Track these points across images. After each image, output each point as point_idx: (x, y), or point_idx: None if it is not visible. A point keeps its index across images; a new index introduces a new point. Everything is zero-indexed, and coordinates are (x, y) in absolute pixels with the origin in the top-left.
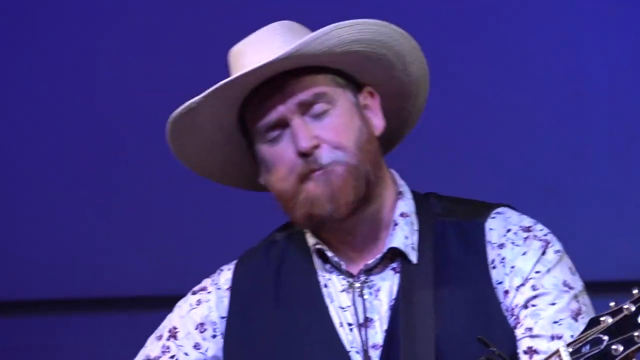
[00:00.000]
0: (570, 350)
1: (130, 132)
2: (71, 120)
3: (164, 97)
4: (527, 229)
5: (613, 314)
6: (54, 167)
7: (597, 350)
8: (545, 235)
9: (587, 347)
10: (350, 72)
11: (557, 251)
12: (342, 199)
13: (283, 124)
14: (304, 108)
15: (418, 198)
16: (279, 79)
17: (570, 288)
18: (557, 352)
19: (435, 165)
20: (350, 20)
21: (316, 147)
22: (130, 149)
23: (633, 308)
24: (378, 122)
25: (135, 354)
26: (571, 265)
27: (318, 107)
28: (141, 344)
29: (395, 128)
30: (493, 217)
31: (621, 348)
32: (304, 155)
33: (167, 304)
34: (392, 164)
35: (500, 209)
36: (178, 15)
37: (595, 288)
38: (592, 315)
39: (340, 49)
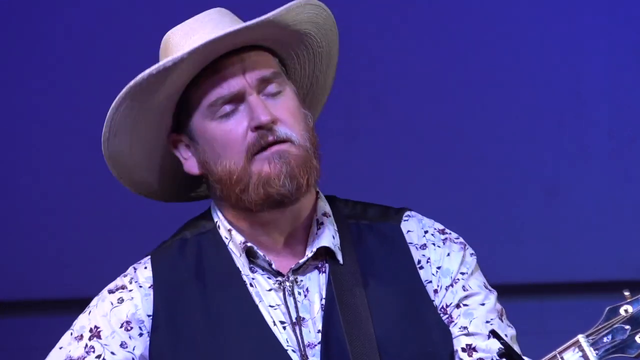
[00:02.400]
0: (591, 340)
1: None
2: (71, 120)
3: None
4: (442, 232)
5: (632, 303)
6: (54, 167)
7: (620, 340)
8: (457, 238)
9: (609, 337)
10: (286, 63)
11: (472, 254)
12: (303, 177)
13: (240, 98)
14: (262, 85)
15: (328, 199)
16: (239, 52)
17: (491, 290)
18: (576, 342)
19: (435, 165)
20: (316, 0)
21: (274, 121)
22: None
23: None
24: (313, 114)
25: None
26: (479, 268)
27: (273, 87)
28: None
29: None
30: (406, 220)
31: None
32: (260, 128)
33: None
34: (392, 164)
35: (409, 212)
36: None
37: (595, 288)
38: (506, 318)
39: (301, 26)
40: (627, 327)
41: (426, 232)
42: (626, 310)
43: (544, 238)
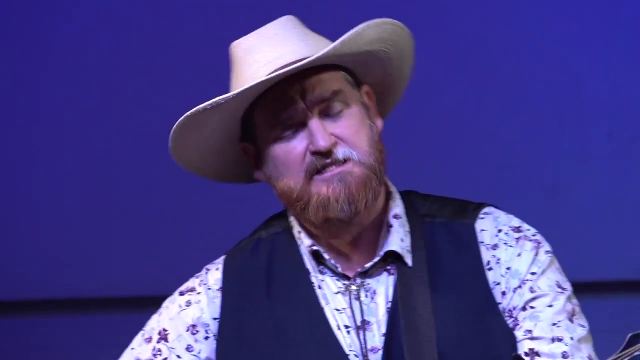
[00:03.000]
0: None
1: (130, 132)
2: (70, 119)
3: (165, 96)
4: (517, 229)
5: None
6: (54, 167)
7: None
8: (534, 235)
9: None
10: (355, 70)
11: (547, 252)
12: (362, 201)
13: (300, 121)
14: (322, 106)
15: (404, 198)
16: (298, 75)
17: (564, 289)
18: None
19: (435, 165)
20: (379, 20)
21: (333, 145)
22: (131, 149)
23: None
24: (379, 122)
25: None
26: (559, 265)
27: (334, 107)
28: None
29: None
30: (482, 218)
31: None
32: (320, 154)
33: None
34: (391, 164)
35: (486, 209)
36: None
37: (595, 288)
38: (583, 315)
39: (367, 47)
40: None
41: (500, 230)
42: None
43: (544, 238)
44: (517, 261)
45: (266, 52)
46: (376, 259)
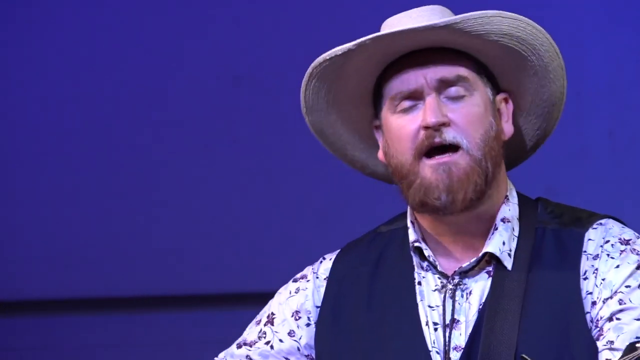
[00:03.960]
0: None
1: (130, 133)
2: (70, 119)
3: (165, 96)
4: (626, 242)
5: None
6: (54, 167)
7: None
8: None
9: None
10: (492, 70)
11: None
12: (460, 193)
13: (418, 96)
14: (443, 86)
15: (524, 203)
16: (424, 52)
17: None
18: None
19: None
20: (514, 14)
21: (443, 124)
22: (131, 149)
23: None
24: (508, 128)
25: (136, 354)
26: None
27: (455, 90)
28: (141, 344)
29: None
30: (595, 228)
31: None
32: (430, 129)
33: (169, 304)
34: None
35: (603, 220)
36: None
37: None
38: None
39: (496, 37)
40: None
41: (607, 241)
42: None
43: None
44: (614, 273)
45: (405, 23)
46: (474, 260)
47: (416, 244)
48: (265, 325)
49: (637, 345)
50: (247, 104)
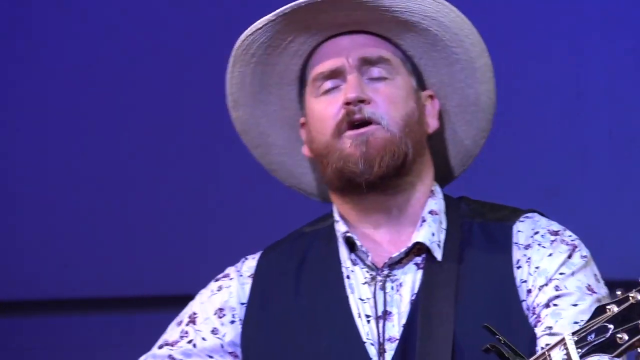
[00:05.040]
0: (576, 339)
1: (130, 133)
2: (70, 119)
3: (166, 96)
4: (555, 233)
5: (619, 303)
6: (54, 167)
7: (603, 339)
8: (573, 240)
9: (592, 335)
10: (419, 66)
11: (583, 256)
12: (376, 159)
13: (339, 75)
14: (365, 66)
15: (448, 199)
16: (346, 35)
17: (594, 292)
18: (562, 340)
19: None
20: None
21: (363, 101)
22: (131, 149)
23: (639, 297)
24: (433, 122)
25: (136, 354)
26: (597, 272)
27: (377, 71)
28: (141, 343)
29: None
30: (522, 221)
31: (626, 337)
32: (349, 104)
33: (167, 304)
34: None
35: (529, 214)
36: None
37: None
38: None
39: (418, 17)
40: (610, 326)
41: (536, 232)
42: (611, 309)
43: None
44: (547, 261)
45: None
46: (403, 249)
47: (348, 234)
48: (187, 325)
49: (607, 307)
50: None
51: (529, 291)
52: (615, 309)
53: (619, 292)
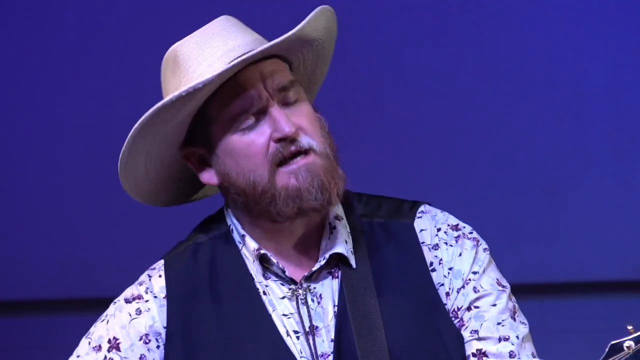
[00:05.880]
0: None
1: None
2: (70, 119)
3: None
4: (456, 228)
5: (635, 339)
6: (54, 167)
7: None
8: (471, 233)
9: None
10: (291, 63)
11: (485, 249)
12: (333, 189)
13: (261, 110)
14: (281, 94)
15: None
16: (254, 65)
17: (504, 287)
18: None
19: (435, 165)
20: (324, 7)
21: (297, 132)
22: None
23: None
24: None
25: None
26: (494, 262)
27: (290, 95)
28: None
29: None
30: (419, 217)
31: None
32: (284, 140)
33: None
34: (391, 164)
35: (422, 207)
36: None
37: (596, 288)
38: (521, 312)
39: (315, 34)
40: None
41: (439, 230)
42: (629, 347)
43: (544, 238)
44: (459, 261)
45: (218, 46)
46: (322, 262)
47: (262, 252)
48: (109, 351)
49: (625, 345)
50: None
51: (447, 294)
52: (633, 345)
53: (630, 327)
